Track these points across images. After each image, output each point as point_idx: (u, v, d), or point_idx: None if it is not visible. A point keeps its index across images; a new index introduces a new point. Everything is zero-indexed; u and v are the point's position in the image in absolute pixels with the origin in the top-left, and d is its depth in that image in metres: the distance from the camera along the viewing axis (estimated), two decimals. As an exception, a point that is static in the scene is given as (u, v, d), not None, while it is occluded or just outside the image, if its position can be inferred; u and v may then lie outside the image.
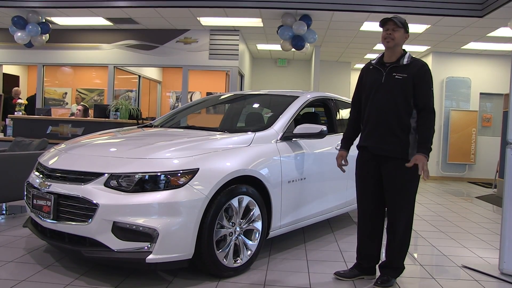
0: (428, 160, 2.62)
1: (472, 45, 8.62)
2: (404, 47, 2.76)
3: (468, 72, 9.48)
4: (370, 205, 2.81)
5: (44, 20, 7.67)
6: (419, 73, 2.64)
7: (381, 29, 2.74)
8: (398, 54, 2.71)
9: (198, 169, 2.64)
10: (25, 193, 3.09)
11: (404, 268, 2.84)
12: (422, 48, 9.15)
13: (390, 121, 2.65)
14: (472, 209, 5.93)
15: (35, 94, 9.25)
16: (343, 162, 2.96)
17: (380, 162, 2.71)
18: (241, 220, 2.91)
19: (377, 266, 2.90)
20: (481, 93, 9.54)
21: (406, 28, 2.70)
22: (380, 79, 2.71)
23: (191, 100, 9.92)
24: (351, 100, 3.12)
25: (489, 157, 9.21)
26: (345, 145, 2.97)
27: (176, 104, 11.59)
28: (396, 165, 2.66)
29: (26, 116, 7.11)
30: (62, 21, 8.16)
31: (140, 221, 2.48)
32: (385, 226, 2.83)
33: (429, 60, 9.59)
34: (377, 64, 2.77)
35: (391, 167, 2.67)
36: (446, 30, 7.54)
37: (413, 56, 2.75)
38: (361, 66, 4.27)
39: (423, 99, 2.64)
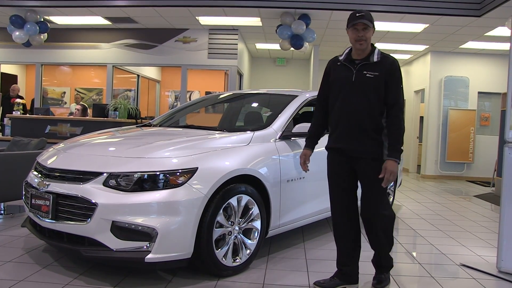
0: (399, 163, 2.54)
1: (470, 44, 8.64)
2: (403, 46, 2.72)
3: (466, 71, 9.49)
4: (345, 206, 2.68)
5: (42, 19, 7.65)
6: (390, 70, 2.54)
7: (381, 28, 2.70)
8: (368, 51, 2.58)
9: (197, 168, 2.64)
10: (24, 192, 3.09)
11: (392, 264, 2.79)
12: (420, 47, 9.16)
13: (364, 122, 2.55)
14: (471, 208, 5.94)
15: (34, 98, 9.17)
16: (306, 162, 2.82)
17: (354, 163, 2.61)
18: (240, 219, 2.91)
19: (358, 272, 2.79)
20: (479, 92, 9.55)
21: (374, 23, 2.59)
22: (350, 78, 2.57)
23: (190, 100, 9.91)
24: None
25: (487, 156, 9.24)
26: (310, 144, 2.82)
27: (175, 104, 11.58)
28: (371, 165, 2.56)
29: (24, 115, 7.09)
30: (60, 20, 8.14)
31: (139, 220, 2.48)
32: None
33: (427, 59, 9.61)
34: (346, 61, 2.62)
35: (366, 168, 2.57)
36: (444, 30, 7.55)
37: (383, 52, 2.64)
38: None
39: (393, 96, 2.53)
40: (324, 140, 3.60)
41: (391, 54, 2.69)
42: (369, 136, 2.56)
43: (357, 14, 2.54)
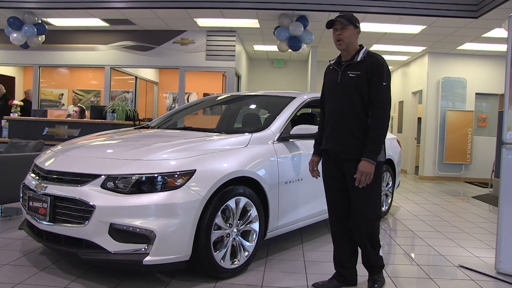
0: (375, 163, 2.49)
1: (468, 46, 8.66)
2: (401, 47, 2.72)
3: (463, 73, 9.51)
4: (339, 208, 2.70)
5: (40, 21, 7.64)
6: (372, 68, 2.53)
7: (379, 30, 2.71)
8: (353, 51, 2.61)
9: (195, 170, 2.64)
10: (21, 195, 3.08)
11: (383, 264, 2.76)
12: (418, 49, 9.17)
13: (349, 122, 2.56)
14: (469, 209, 5.95)
15: (24, 98, 9.12)
16: (314, 168, 2.82)
17: (341, 163, 2.62)
18: (238, 221, 2.91)
19: (357, 274, 2.79)
20: (476, 93, 9.58)
21: (355, 23, 2.61)
22: (336, 79, 2.63)
23: (188, 101, 9.91)
24: None
25: (485, 157, 9.25)
26: (318, 150, 2.81)
27: (173, 105, 11.57)
28: (355, 166, 2.53)
29: (22, 117, 7.08)
30: (58, 22, 8.13)
31: (137, 222, 2.47)
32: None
33: (425, 61, 9.63)
34: (335, 64, 2.69)
35: (352, 168, 2.55)
36: (441, 31, 7.57)
37: (371, 51, 2.64)
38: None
39: (373, 93, 2.50)
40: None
41: (389, 56, 2.71)
42: (354, 136, 2.56)
43: (336, 16, 2.62)
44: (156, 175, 2.56)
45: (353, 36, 2.59)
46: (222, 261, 2.77)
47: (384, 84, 2.53)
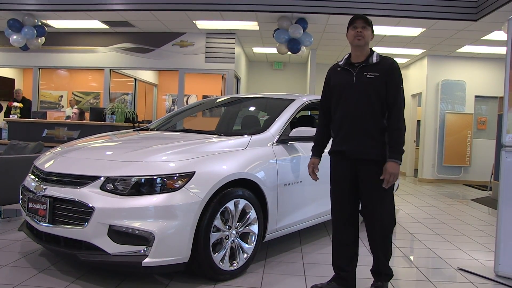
0: (401, 164, 2.53)
1: (467, 48, 8.68)
2: (400, 50, 2.73)
3: (463, 75, 9.54)
4: (346, 211, 2.68)
5: (40, 23, 7.66)
6: (390, 70, 2.57)
7: (378, 32, 2.71)
8: (366, 53, 2.62)
9: (194, 172, 2.64)
10: (21, 196, 3.08)
11: (392, 274, 2.73)
12: (417, 51, 9.20)
13: (367, 123, 2.56)
14: (468, 212, 5.95)
15: (14, 98, 9.10)
16: (315, 171, 2.82)
17: (357, 165, 2.60)
18: (237, 223, 2.91)
19: (356, 277, 2.77)
20: (476, 96, 9.59)
21: (373, 28, 2.68)
22: (350, 80, 2.59)
23: (187, 103, 9.92)
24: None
25: (484, 160, 9.26)
26: (317, 152, 2.82)
27: (172, 107, 11.58)
28: (374, 167, 2.54)
29: (21, 119, 7.08)
30: (58, 24, 8.15)
31: (136, 224, 2.47)
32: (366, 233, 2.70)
33: (424, 63, 9.65)
34: (346, 65, 2.65)
35: (369, 170, 2.55)
36: (441, 34, 7.59)
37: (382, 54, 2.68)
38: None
39: (392, 95, 2.53)
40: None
41: (388, 58, 2.71)
42: (372, 137, 2.56)
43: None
44: (155, 177, 2.56)
45: (369, 38, 2.64)
46: (221, 263, 2.77)
47: (401, 86, 2.60)
